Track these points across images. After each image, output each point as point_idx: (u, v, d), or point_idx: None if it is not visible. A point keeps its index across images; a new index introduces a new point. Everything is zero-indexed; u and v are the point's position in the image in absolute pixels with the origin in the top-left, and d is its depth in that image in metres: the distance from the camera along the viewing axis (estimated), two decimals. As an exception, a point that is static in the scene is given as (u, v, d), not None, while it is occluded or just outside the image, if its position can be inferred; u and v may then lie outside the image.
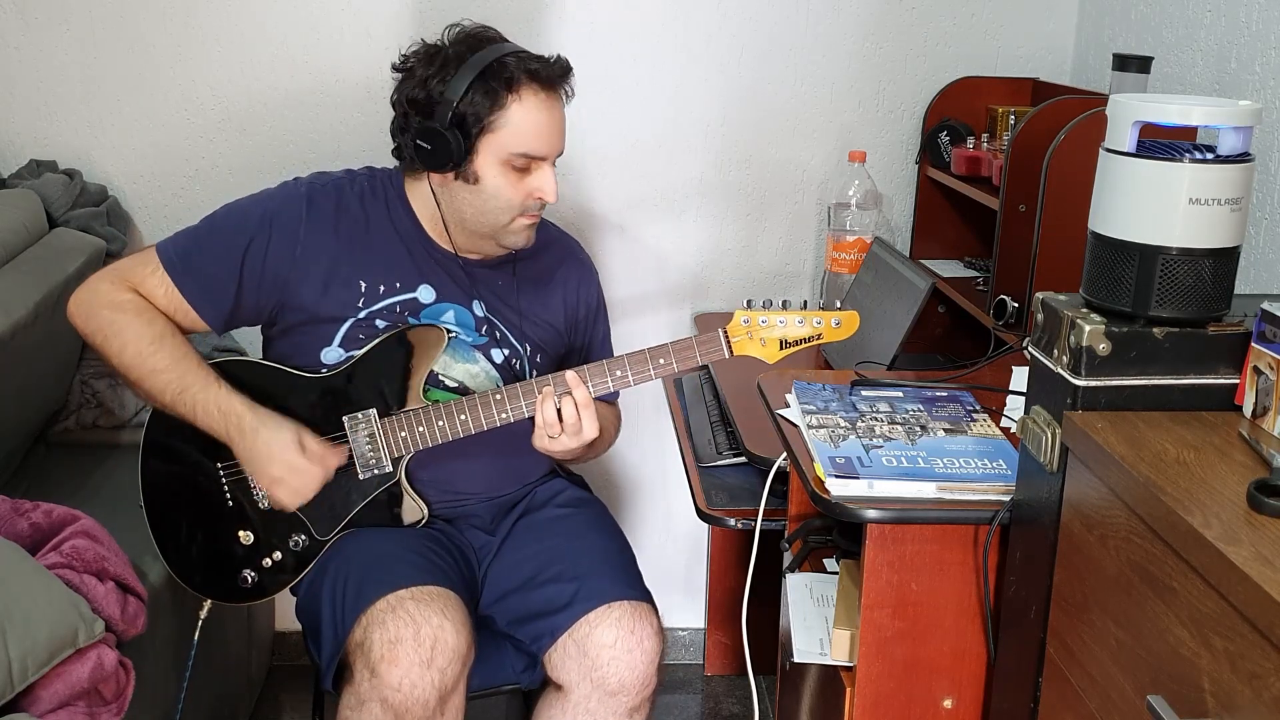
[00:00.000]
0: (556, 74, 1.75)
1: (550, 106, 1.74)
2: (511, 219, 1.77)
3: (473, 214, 1.78)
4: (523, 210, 1.77)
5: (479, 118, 1.70)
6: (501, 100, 1.70)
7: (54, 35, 2.30)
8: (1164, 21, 2.06)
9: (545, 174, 1.76)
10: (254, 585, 1.81)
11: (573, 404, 1.72)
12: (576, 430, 1.72)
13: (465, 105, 1.70)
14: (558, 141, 1.77)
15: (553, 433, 1.72)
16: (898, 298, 2.01)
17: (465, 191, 1.76)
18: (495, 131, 1.71)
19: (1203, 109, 1.19)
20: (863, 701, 1.48)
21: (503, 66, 1.70)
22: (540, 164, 1.75)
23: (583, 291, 1.97)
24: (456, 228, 1.81)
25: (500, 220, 1.77)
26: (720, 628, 2.67)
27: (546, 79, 1.73)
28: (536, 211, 1.79)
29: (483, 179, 1.74)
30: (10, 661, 1.38)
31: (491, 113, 1.70)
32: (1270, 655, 0.87)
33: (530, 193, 1.76)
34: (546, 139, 1.74)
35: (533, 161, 1.74)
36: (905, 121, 2.47)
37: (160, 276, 1.77)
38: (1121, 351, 1.18)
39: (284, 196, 1.82)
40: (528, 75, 1.71)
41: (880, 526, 1.41)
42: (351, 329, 1.80)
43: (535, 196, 1.76)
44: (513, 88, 1.70)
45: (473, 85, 1.69)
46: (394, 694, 1.60)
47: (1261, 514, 0.97)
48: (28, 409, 2.09)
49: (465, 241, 1.83)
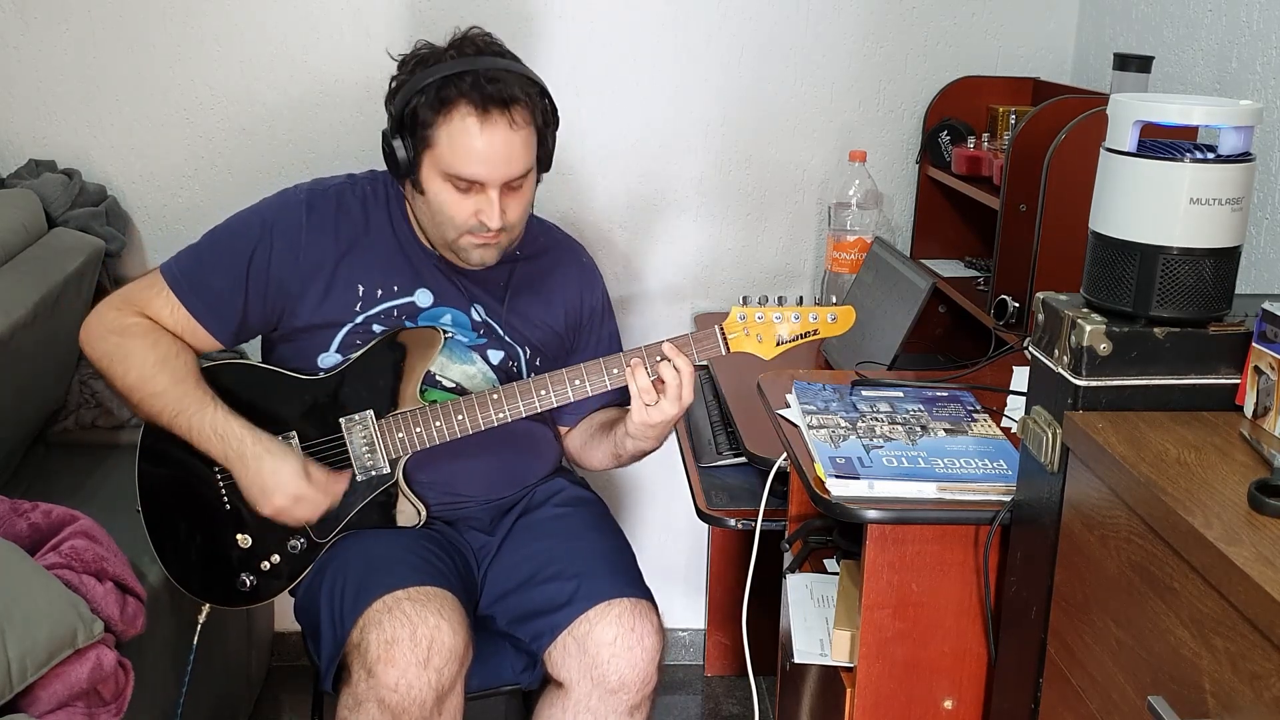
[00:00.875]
0: (500, 98, 1.66)
1: (484, 130, 1.66)
2: (458, 235, 1.75)
3: (428, 224, 1.78)
4: (468, 229, 1.73)
5: (417, 130, 1.69)
6: (434, 119, 1.68)
7: (54, 35, 2.30)
8: (1164, 21, 2.06)
9: (486, 198, 1.71)
10: (252, 589, 1.80)
11: (671, 368, 1.69)
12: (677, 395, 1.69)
13: (410, 115, 1.69)
14: (495, 167, 1.69)
15: (649, 399, 1.70)
16: (898, 298, 2.00)
17: (419, 201, 1.77)
18: (432, 148, 1.69)
19: (1203, 109, 1.19)
20: (863, 702, 1.48)
21: (446, 83, 1.66)
22: (481, 188, 1.71)
23: (584, 294, 1.97)
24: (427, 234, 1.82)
25: (448, 235, 1.76)
26: (720, 628, 2.67)
27: (484, 103, 1.65)
28: (485, 234, 1.74)
29: (428, 192, 1.73)
30: (9, 662, 1.38)
31: (428, 128, 1.68)
32: (1271, 655, 0.86)
33: (473, 213, 1.72)
34: (478, 164, 1.68)
35: (473, 184, 1.71)
36: (905, 121, 2.47)
37: (166, 297, 1.77)
38: (1122, 351, 1.18)
39: (283, 204, 1.82)
40: (464, 97, 1.66)
41: (881, 527, 1.41)
42: (349, 334, 1.80)
43: (478, 218, 1.72)
44: (444, 108, 1.67)
45: (419, 95, 1.68)
46: (391, 694, 1.60)
47: (1262, 514, 0.97)
48: (27, 409, 2.09)
49: (441, 250, 1.83)
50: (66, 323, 2.06)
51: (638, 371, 1.70)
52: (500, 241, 1.77)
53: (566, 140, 2.35)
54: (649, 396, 1.70)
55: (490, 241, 1.76)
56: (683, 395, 1.70)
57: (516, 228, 1.79)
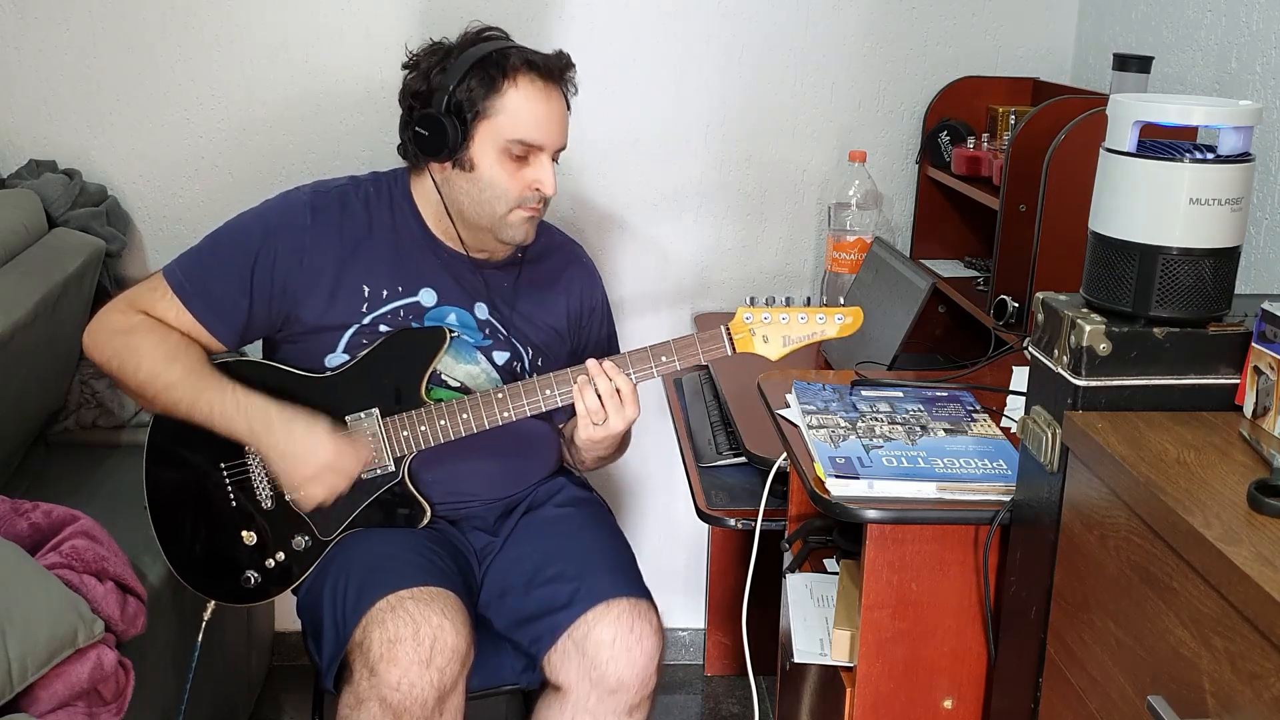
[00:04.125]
0: (556, 66, 1.76)
1: (548, 96, 1.75)
2: (509, 210, 1.77)
3: (470, 204, 1.78)
4: (520, 202, 1.76)
5: (475, 103, 1.72)
6: (498, 86, 1.71)
7: (54, 35, 2.30)
8: (1164, 21, 2.06)
9: (543, 165, 1.76)
10: (257, 586, 1.81)
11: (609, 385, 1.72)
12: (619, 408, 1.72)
13: (462, 91, 1.72)
14: (556, 132, 1.77)
15: (597, 419, 1.72)
16: (898, 298, 2.00)
17: (463, 180, 1.77)
18: (491, 117, 1.72)
19: (1203, 109, 1.19)
20: (863, 702, 1.48)
21: (502, 55, 1.72)
22: (538, 154, 1.75)
23: (585, 295, 1.97)
24: (459, 221, 1.82)
25: (497, 210, 1.77)
26: (720, 628, 2.67)
27: (545, 69, 1.74)
28: (535, 205, 1.78)
29: (479, 166, 1.74)
30: (10, 662, 1.38)
31: (488, 98, 1.71)
32: (1270, 655, 0.87)
33: (528, 184, 1.75)
34: (544, 127, 1.74)
35: (530, 151, 1.74)
36: (905, 121, 2.47)
37: (170, 301, 1.77)
38: (1122, 351, 1.18)
39: (287, 206, 1.82)
40: (526, 64, 1.73)
41: (880, 526, 1.41)
42: (355, 335, 1.80)
43: (533, 188, 1.76)
44: (509, 74, 1.72)
45: (470, 72, 1.71)
46: (393, 693, 1.60)
47: (1262, 514, 0.97)
48: (28, 409, 2.09)
49: (470, 237, 1.83)
50: (67, 323, 2.07)
51: (586, 392, 1.72)
52: (540, 215, 1.82)
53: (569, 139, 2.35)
54: (598, 417, 1.72)
55: (536, 213, 1.80)
56: (625, 412, 1.73)
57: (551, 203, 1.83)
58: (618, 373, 1.73)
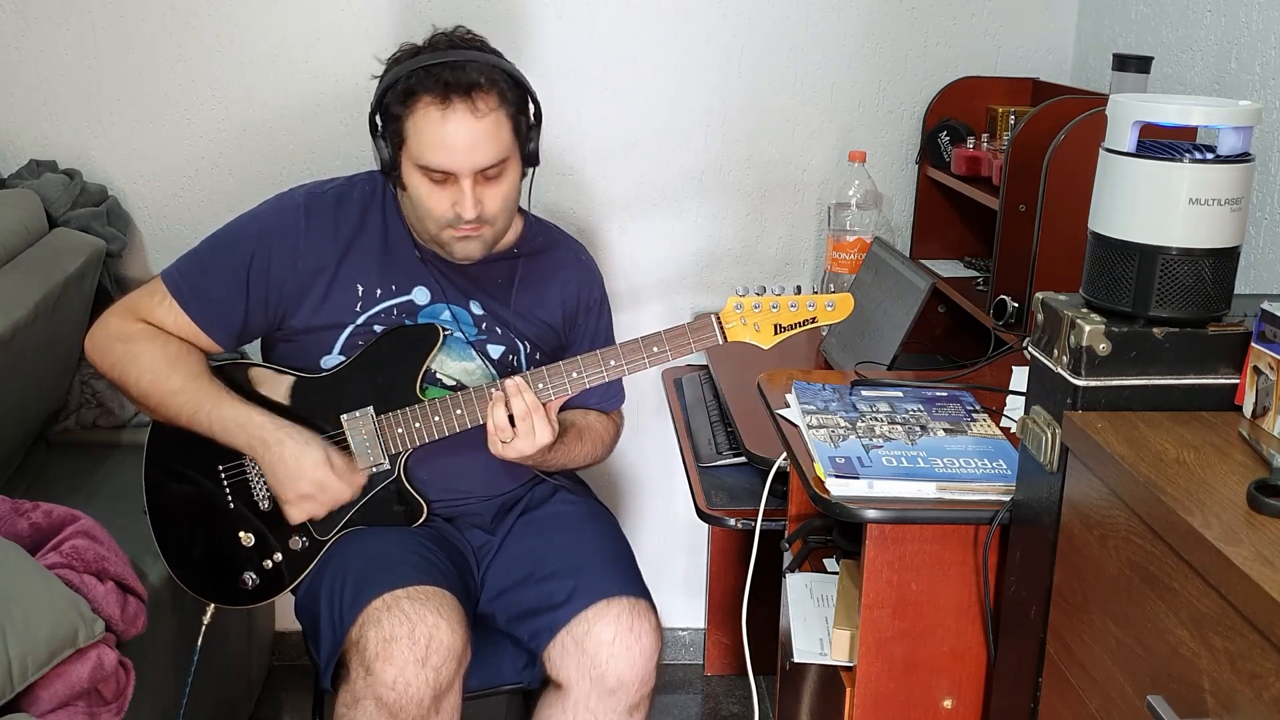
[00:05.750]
0: (460, 85, 1.66)
1: (445, 119, 1.67)
2: (439, 229, 1.75)
3: (413, 220, 1.80)
4: (447, 222, 1.74)
5: (390, 126, 1.71)
6: (402, 112, 1.69)
7: (54, 35, 2.30)
8: (1164, 21, 2.06)
9: (459, 189, 1.71)
10: (255, 588, 1.81)
11: (523, 404, 1.70)
12: (530, 431, 1.70)
13: (384, 114, 1.72)
14: (462, 156, 1.68)
15: (505, 437, 1.72)
16: (898, 298, 2.00)
17: (404, 198, 1.78)
18: (404, 141, 1.71)
19: (1203, 109, 1.19)
20: (863, 701, 1.48)
21: (409, 77, 1.68)
22: (454, 179, 1.71)
23: (582, 291, 1.97)
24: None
25: (430, 229, 1.77)
26: (720, 628, 2.67)
27: (444, 93, 1.66)
28: (464, 226, 1.74)
29: (409, 187, 1.74)
30: (10, 661, 1.38)
31: (398, 121, 1.70)
32: (1270, 655, 0.87)
33: (450, 205, 1.73)
34: (444, 153, 1.68)
35: (448, 175, 1.71)
36: (905, 121, 2.47)
37: (168, 305, 1.78)
38: (1121, 351, 1.18)
39: (281, 208, 1.82)
40: (424, 88, 1.67)
41: (880, 526, 1.41)
42: (351, 336, 1.81)
43: (454, 210, 1.73)
44: (409, 100, 1.68)
45: (386, 94, 1.71)
46: (388, 692, 1.60)
47: (1261, 514, 0.97)
48: (28, 409, 2.09)
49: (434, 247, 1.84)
50: (67, 323, 2.07)
51: (496, 409, 1.71)
52: (483, 234, 1.77)
53: (566, 140, 2.35)
54: (505, 434, 1.71)
55: (471, 234, 1.75)
56: (536, 432, 1.70)
57: (499, 219, 1.77)
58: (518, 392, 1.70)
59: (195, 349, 1.79)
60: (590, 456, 1.94)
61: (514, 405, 1.71)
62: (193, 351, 1.78)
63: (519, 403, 1.70)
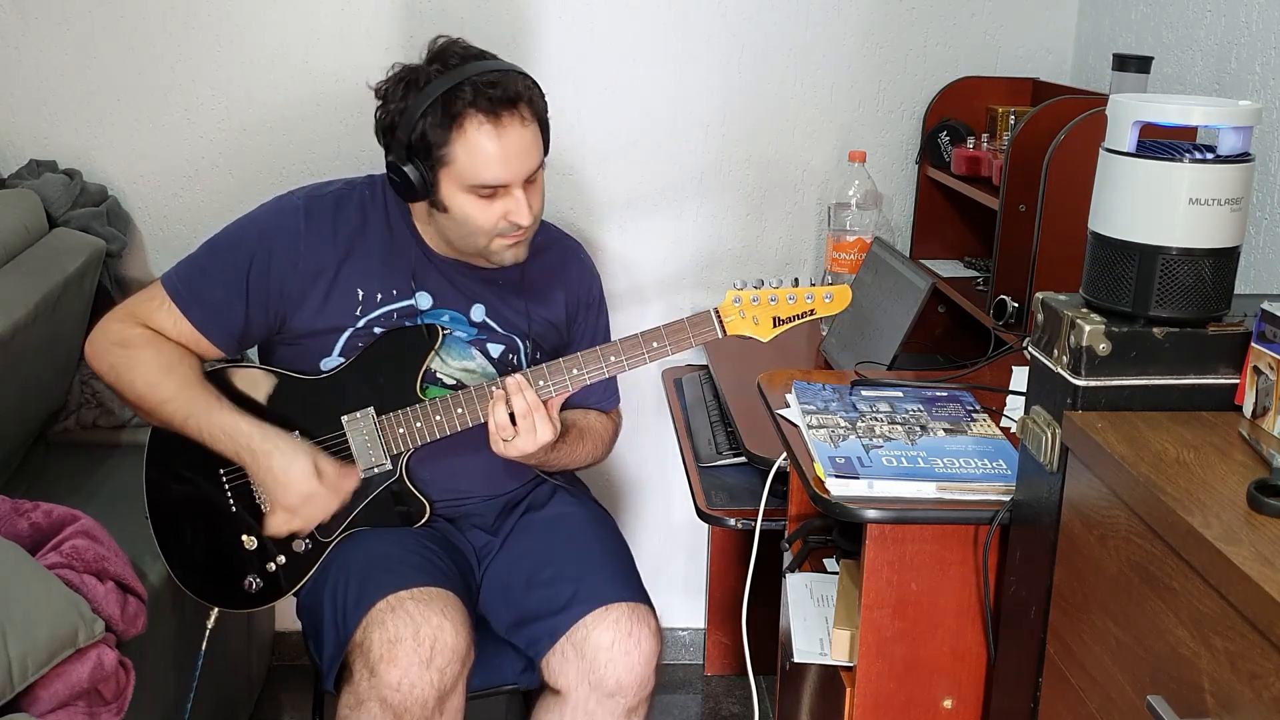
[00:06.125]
0: (507, 99, 1.68)
1: (499, 135, 1.68)
2: (489, 241, 1.76)
3: (455, 238, 1.79)
4: (499, 233, 1.75)
5: (431, 151, 1.69)
6: (449, 135, 1.68)
7: (54, 35, 2.30)
8: (1164, 21, 2.06)
9: (513, 198, 1.72)
10: (259, 591, 1.81)
11: (524, 402, 1.70)
12: (530, 429, 1.71)
13: (419, 140, 1.69)
14: (517, 165, 1.71)
15: (506, 435, 1.72)
16: (898, 298, 2.00)
17: (442, 219, 1.77)
18: (449, 164, 1.70)
19: (1203, 109, 1.19)
20: (863, 701, 1.48)
21: (450, 99, 1.66)
22: (505, 190, 1.72)
23: (583, 288, 1.98)
24: (449, 247, 1.83)
25: (479, 243, 1.77)
26: (720, 628, 2.67)
27: (492, 109, 1.67)
28: (515, 233, 1.76)
29: (451, 208, 1.74)
30: (10, 661, 1.38)
31: (443, 146, 1.68)
32: (1270, 655, 0.87)
33: (502, 216, 1.73)
34: (500, 167, 1.70)
35: (497, 188, 1.72)
36: (905, 121, 2.47)
37: (168, 309, 1.78)
38: (1121, 351, 1.18)
39: (280, 211, 1.82)
40: (473, 107, 1.66)
41: (880, 526, 1.41)
42: (351, 338, 1.81)
43: (508, 219, 1.74)
44: (456, 120, 1.67)
45: (423, 118, 1.67)
46: (393, 693, 1.60)
47: (1261, 514, 0.97)
48: (28, 409, 2.09)
49: (465, 257, 1.84)
50: (67, 323, 2.07)
51: (498, 408, 1.71)
52: (528, 236, 1.80)
53: (567, 140, 2.35)
54: (506, 433, 1.71)
55: (521, 239, 1.78)
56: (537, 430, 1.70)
57: (539, 218, 1.81)
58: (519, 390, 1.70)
59: (191, 356, 1.79)
60: (591, 456, 1.95)
61: (515, 403, 1.71)
62: (187, 358, 1.78)
63: (520, 401, 1.70)
